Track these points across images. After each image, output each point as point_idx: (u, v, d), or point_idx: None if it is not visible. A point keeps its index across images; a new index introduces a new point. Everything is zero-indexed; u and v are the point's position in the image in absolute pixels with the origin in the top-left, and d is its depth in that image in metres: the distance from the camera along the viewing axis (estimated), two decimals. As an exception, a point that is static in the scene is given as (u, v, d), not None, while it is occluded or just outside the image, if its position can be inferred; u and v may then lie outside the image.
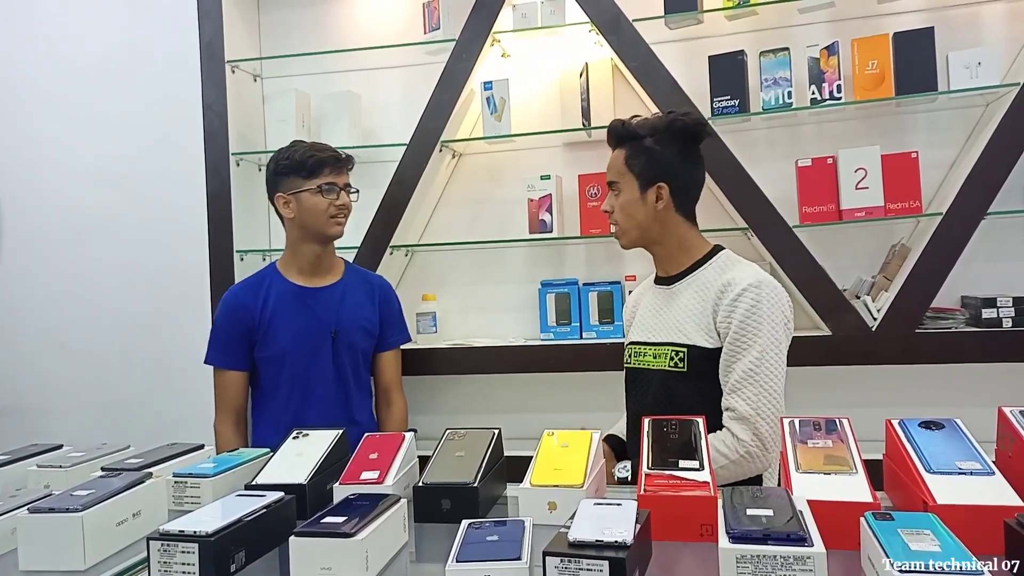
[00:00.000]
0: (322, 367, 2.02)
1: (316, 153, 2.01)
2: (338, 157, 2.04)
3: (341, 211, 2.02)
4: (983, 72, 2.11)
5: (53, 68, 2.93)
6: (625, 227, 1.65)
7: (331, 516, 0.98)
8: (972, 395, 2.19)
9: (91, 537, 1.01)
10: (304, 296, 2.04)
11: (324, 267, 2.08)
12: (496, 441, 1.30)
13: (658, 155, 1.60)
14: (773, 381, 1.50)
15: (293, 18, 2.78)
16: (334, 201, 2.00)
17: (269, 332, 2.01)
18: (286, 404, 2.01)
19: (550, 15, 2.43)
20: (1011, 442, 1.09)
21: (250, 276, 2.14)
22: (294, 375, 2.01)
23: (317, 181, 1.99)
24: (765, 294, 1.52)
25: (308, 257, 2.06)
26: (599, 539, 0.85)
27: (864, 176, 2.18)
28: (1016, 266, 2.24)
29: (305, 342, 2.01)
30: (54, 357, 2.93)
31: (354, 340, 2.06)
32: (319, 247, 2.05)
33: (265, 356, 2.02)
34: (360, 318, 2.08)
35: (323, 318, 2.03)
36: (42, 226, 2.95)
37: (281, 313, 2.02)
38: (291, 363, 2.01)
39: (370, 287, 2.15)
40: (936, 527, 0.85)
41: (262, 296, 2.03)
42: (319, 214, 2.00)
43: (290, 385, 2.02)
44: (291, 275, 2.06)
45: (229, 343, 2.02)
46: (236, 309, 2.03)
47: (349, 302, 2.08)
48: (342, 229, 2.05)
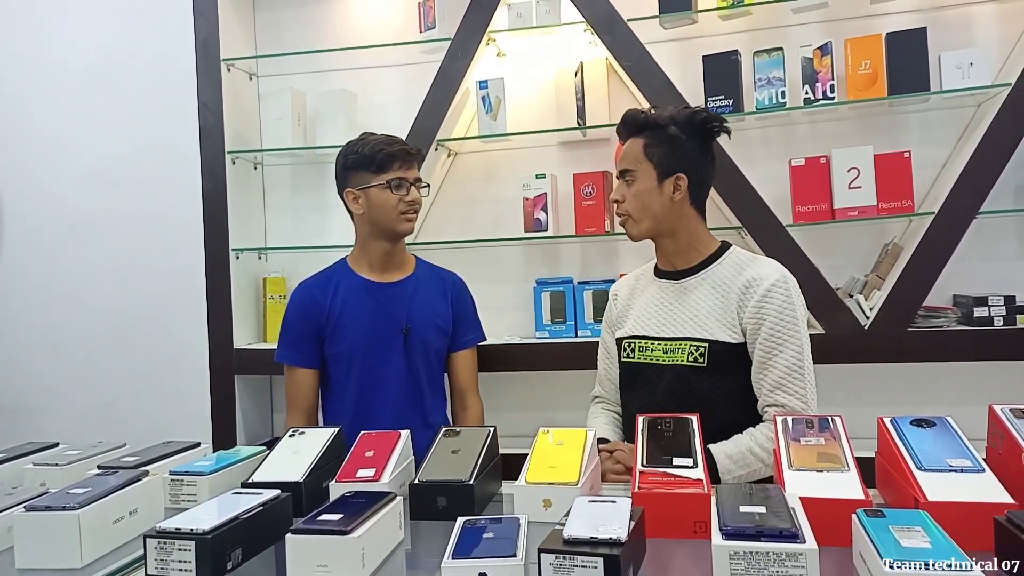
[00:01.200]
0: (394, 365, 1.94)
1: (386, 147, 1.92)
2: (408, 151, 1.95)
3: (411, 207, 1.93)
4: (975, 72, 2.12)
5: (48, 67, 2.92)
6: (638, 217, 1.63)
7: (327, 514, 0.98)
8: (963, 393, 2.21)
9: (87, 535, 1.02)
10: (375, 291, 1.97)
11: (395, 263, 2.01)
12: (491, 439, 1.31)
13: (680, 145, 1.60)
14: (811, 374, 1.56)
15: (289, 16, 2.78)
16: (404, 197, 1.91)
17: (339, 328, 1.94)
18: (356, 403, 1.95)
19: (545, 14, 2.43)
20: (1001, 440, 1.10)
21: (320, 271, 2.06)
22: (364, 373, 1.94)
23: (386, 176, 1.91)
24: (793, 289, 1.57)
25: (378, 253, 1.98)
26: (594, 536, 0.86)
27: (857, 175, 2.19)
28: (1007, 265, 2.26)
29: (376, 338, 1.94)
30: (49, 356, 2.92)
31: (427, 337, 1.98)
32: (389, 244, 1.98)
33: (334, 353, 1.95)
34: (433, 315, 2.01)
35: (395, 314, 1.96)
36: (37, 225, 2.94)
37: (351, 308, 1.95)
38: (361, 360, 1.94)
39: (443, 283, 2.07)
40: (927, 524, 0.86)
41: (331, 291, 1.96)
42: (389, 210, 1.92)
43: (360, 383, 1.95)
44: (361, 270, 1.99)
45: (299, 340, 1.96)
46: (305, 304, 1.97)
47: (421, 298, 2.00)
48: (412, 226, 1.97)
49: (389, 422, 1.78)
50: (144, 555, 0.95)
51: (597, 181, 2.42)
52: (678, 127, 1.60)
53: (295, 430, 1.38)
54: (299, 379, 1.97)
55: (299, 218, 2.79)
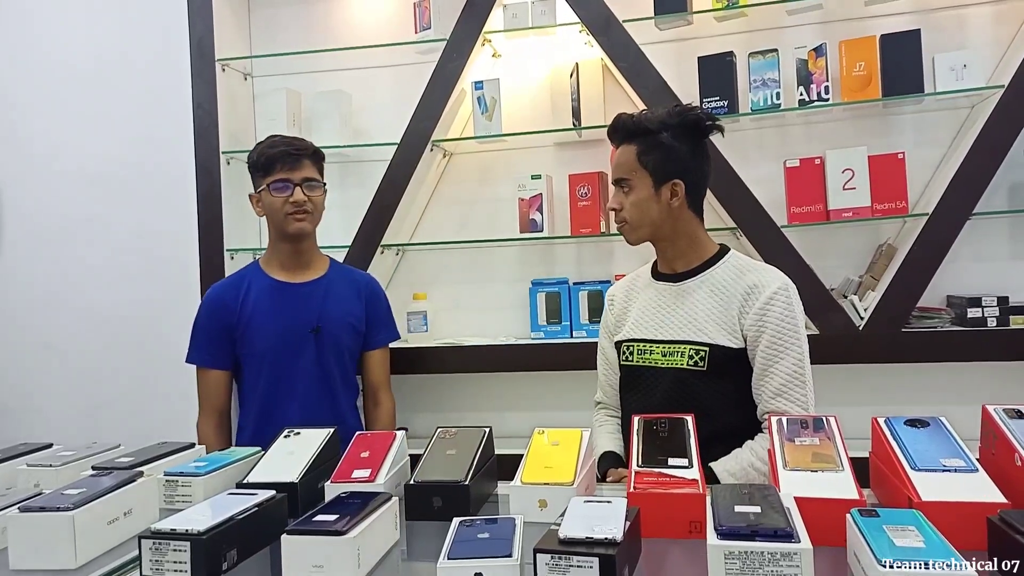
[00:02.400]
0: (305, 364, 1.97)
1: (267, 150, 1.95)
2: (290, 152, 1.94)
3: (297, 208, 1.93)
4: (968, 74, 2.13)
5: (42, 66, 2.91)
6: (637, 225, 1.62)
7: (323, 514, 0.98)
8: (957, 393, 2.22)
9: (82, 536, 1.01)
10: (284, 291, 1.99)
11: (304, 263, 2.03)
12: (487, 439, 1.31)
13: (673, 151, 1.58)
14: (811, 380, 1.56)
15: (284, 16, 2.78)
16: (288, 198, 1.93)
17: (249, 329, 1.97)
18: (266, 402, 1.97)
19: (541, 15, 2.43)
20: (994, 440, 1.11)
21: (232, 274, 2.11)
22: (275, 372, 1.96)
23: (270, 179, 1.94)
24: (793, 296, 1.57)
25: (285, 254, 2.01)
26: (589, 536, 0.86)
27: (851, 177, 2.20)
28: (1001, 266, 2.27)
29: (285, 338, 1.96)
30: (42, 356, 2.91)
31: (339, 337, 2.01)
32: (291, 245, 2.00)
33: (246, 353, 1.98)
34: (345, 314, 2.03)
35: (304, 313, 1.98)
36: (30, 225, 2.93)
37: (260, 309, 1.97)
38: (271, 360, 1.96)
39: (356, 284, 2.10)
40: (921, 523, 0.86)
41: (242, 292, 1.99)
42: (276, 212, 1.95)
43: (271, 383, 1.97)
44: (272, 271, 2.02)
45: (209, 341, 1.99)
46: (216, 306, 2.00)
47: (333, 298, 2.03)
48: (304, 226, 1.96)
49: (299, 419, 1.89)
50: (139, 556, 0.94)
51: (593, 182, 2.43)
52: (670, 132, 1.58)
53: (290, 431, 1.38)
54: (210, 380, 1.99)
55: (294, 218, 2.78)
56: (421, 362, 2.47)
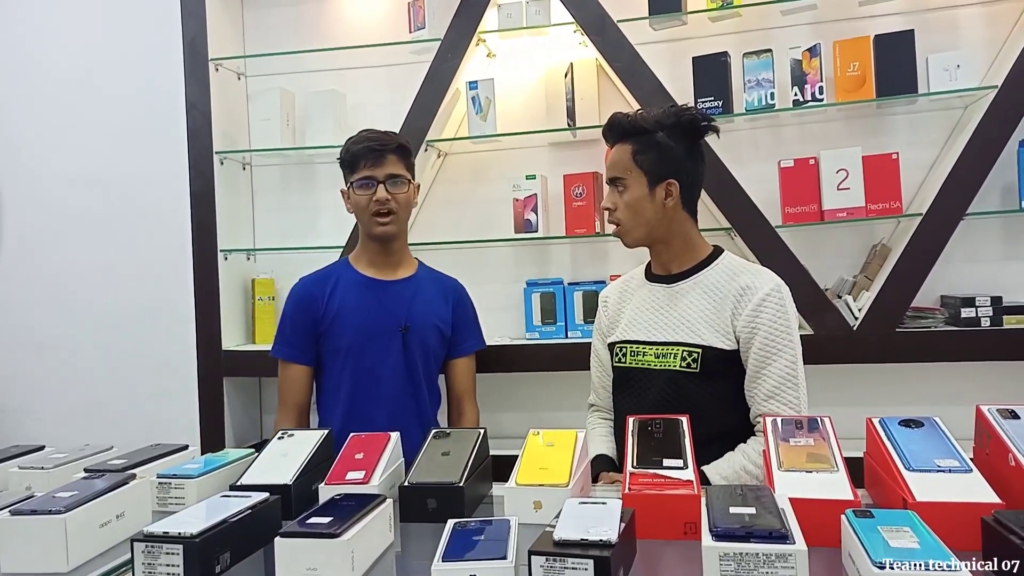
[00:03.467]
0: (392, 363, 1.90)
1: (352, 146, 1.91)
2: (373, 148, 1.88)
3: (381, 207, 1.87)
4: (962, 74, 2.14)
5: (34, 67, 2.90)
6: (630, 225, 1.61)
7: (317, 516, 0.98)
8: (951, 393, 2.23)
9: (74, 539, 1.01)
10: (374, 287, 1.94)
11: (394, 262, 1.98)
12: (481, 441, 1.31)
13: (669, 151, 1.58)
14: (804, 383, 1.55)
15: (277, 16, 2.77)
16: (372, 197, 1.87)
17: (335, 324, 1.91)
18: (350, 401, 1.90)
19: (535, 15, 2.43)
20: (988, 440, 1.11)
21: (321, 268, 2.04)
22: (360, 370, 1.90)
23: (356, 176, 1.90)
24: (786, 298, 1.57)
25: (374, 251, 1.96)
26: (584, 538, 0.86)
27: (846, 177, 2.20)
28: (994, 266, 2.28)
29: (373, 335, 1.90)
30: (34, 357, 2.90)
31: (426, 338, 1.95)
32: (378, 245, 1.95)
33: (331, 349, 1.92)
34: (433, 316, 1.98)
35: (394, 311, 1.92)
36: (23, 225, 2.92)
37: (348, 304, 1.91)
38: (357, 357, 1.90)
39: (444, 287, 2.05)
40: (915, 524, 0.86)
41: (329, 287, 1.94)
42: (361, 211, 1.91)
43: (355, 381, 1.90)
44: (361, 267, 1.97)
45: (294, 335, 1.93)
46: (302, 299, 1.94)
47: (422, 298, 1.97)
48: (388, 229, 1.91)
49: (383, 421, 1.81)
50: (131, 559, 0.94)
51: (587, 182, 2.43)
52: (666, 132, 1.58)
53: (284, 432, 1.38)
54: (292, 375, 1.94)
55: (288, 219, 2.78)
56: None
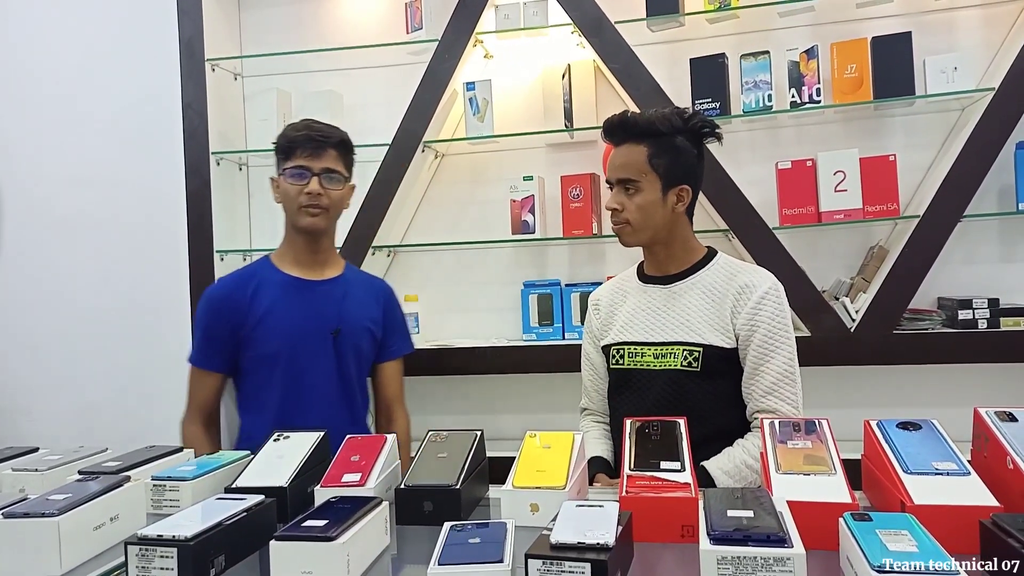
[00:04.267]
0: (323, 368, 1.83)
1: (291, 132, 1.82)
2: (314, 137, 1.80)
3: (313, 200, 1.78)
4: (959, 77, 2.14)
5: (31, 67, 2.89)
6: (638, 228, 1.59)
7: (312, 519, 0.97)
8: (948, 395, 2.23)
9: (68, 542, 1.00)
10: (301, 288, 1.84)
11: (321, 260, 1.89)
12: (478, 443, 1.30)
13: (684, 156, 1.58)
14: (799, 379, 1.57)
15: (274, 16, 2.76)
16: (304, 188, 1.78)
17: (260, 328, 1.80)
18: (280, 408, 1.81)
19: (533, 16, 2.43)
20: (986, 442, 1.11)
21: (238, 269, 1.95)
22: (291, 377, 1.81)
23: (289, 164, 1.80)
24: (783, 296, 1.59)
25: (301, 248, 1.86)
26: (581, 541, 0.85)
27: (843, 179, 2.20)
28: (991, 268, 2.28)
29: (303, 339, 1.81)
30: (28, 358, 2.89)
31: (358, 341, 1.88)
32: (304, 240, 1.86)
33: (256, 355, 1.81)
34: (365, 318, 1.90)
35: (324, 313, 1.83)
36: (18, 226, 2.91)
37: (275, 307, 1.81)
38: (287, 362, 1.80)
39: (374, 288, 1.99)
40: (913, 527, 0.86)
41: (251, 288, 1.83)
42: (290, 202, 1.81)
43: (285, 387, 1.81)
44: (286, 266, 1.87)
45: (212, 342, 1.83)
46: (221, 304, 1.83)
47: (352, 299, 1.89)
48: (316, 222, 1.81)
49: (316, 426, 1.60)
50: (125, 562, 0.93)
51: (585, 183, 2.42)
52: (682, 136, 1.58)
53: (280, 434, 1.37)
54: (207, 382, 1.85)
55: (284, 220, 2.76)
56: (412, 364, 2.44)
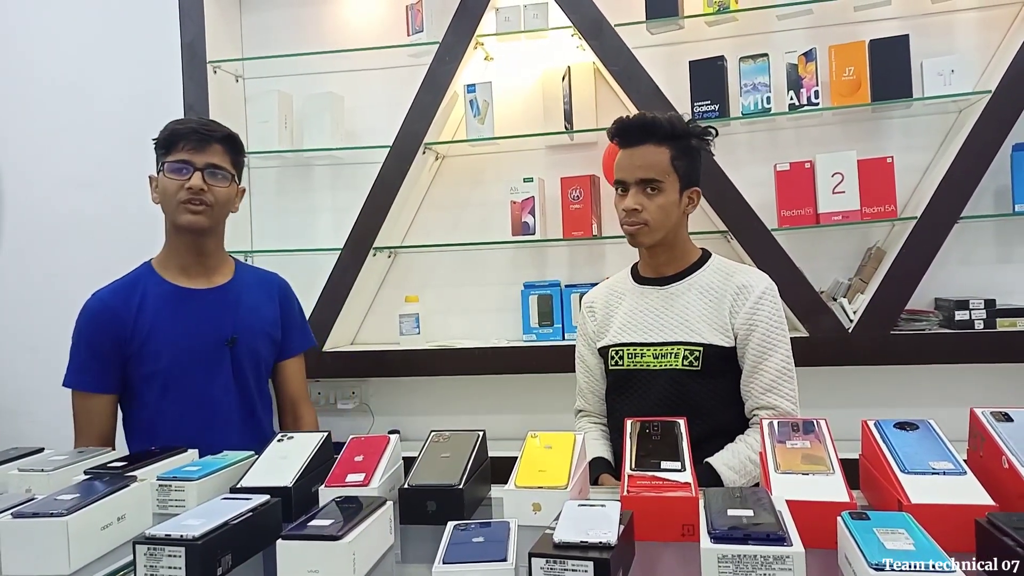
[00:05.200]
0: (221, 383, 1.71)
1: (175, 125, 1.70)
2: (198, 130, 1.68)
3: (193, 196, 1.65)
4: (956, 79, 2.16)
5: (33, 68, 2.90)
6: (656, 228, 1.60)
7: (318, 519, 0.98)
8: (945, 395, 2.24)
9: (76, 541, 1.01)
10: (189, 299, 1.71)
11: (209, 265, 1.76)
12: (481, 443, 1.31)
13: (699, 158, 1.65)
14: (795, 376, 1.61)
15: (276, 19, 2.77)
16: (184, 183, 1.65)
17: (149, 343, 1.67)
18: (178, 428, 1.66)
19: (533, 19, 2.44)
20: (982, 442, 1.12)
21: (119, 278, 1.77)
22: (186, 394, 1.68)
23: (170, 158, 1.67)
24: (777, 295, 1.63)
25: (185, 253, 1.73)
26: (584, 540, 0.86)
27: (841, 180, 2.21)
28: (988, 269, 2.29)
29: (195, 353, 1.69)
30: (29, 359, 2.89)
31: (257, 348, 1.77)
32: (186, 242, 1.72)
33: (144, 374, 1.67)
34: (262, 322, 1.79)
35: (216, 324, 1.71)
36: (19, 228, 2.92)
37: (162, 320, 1.68)
38: (179, 379, 1.67)
39: (269, 286, 1.86)
40: (911, 526, 0.87)
41: (136, 300, 1.69)
42: (168, 198, 1.67)
43: (181, 406, 1.68)
44: (170, 275, 1.73)
45: (96, 360, 1.68)
46: (102, 318, 1.68)
47: (246, 304, 1.77)
48: (198, 220, 1.67)
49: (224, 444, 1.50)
50: (133, 561, 0.94)
51: (584, 185, 2.43)
52: (696, 139, 1.63)
53: (284, 435, 1.38)
54: (94, 406, 1.69)
55: (286, 221, 2.78)
56: (413, 365, 2.48)
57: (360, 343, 2.71)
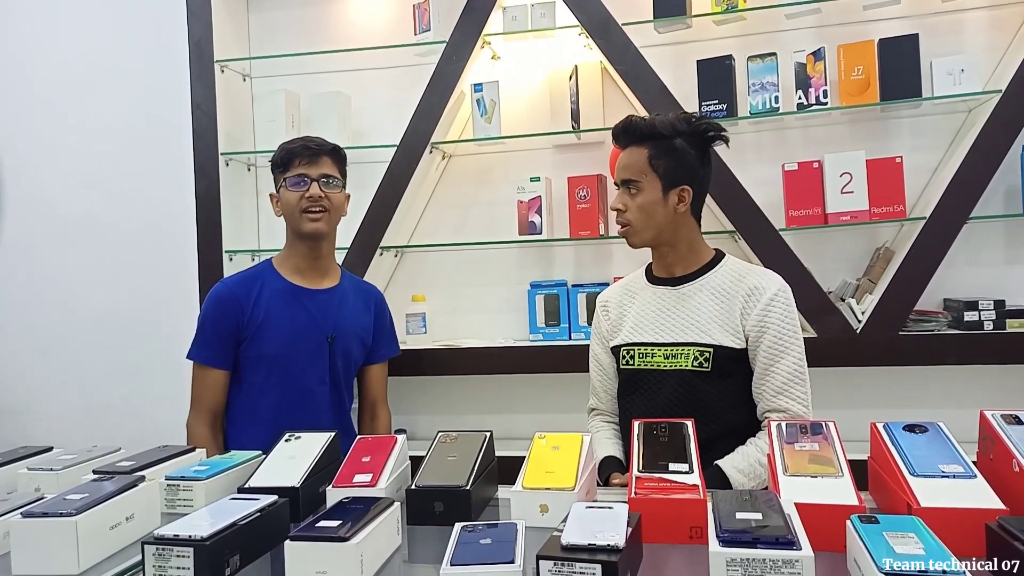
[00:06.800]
0: (318, 373, 1.93)
1: (288, 146, 1.93)
2: (310, 147, 1.91)
3: (313, 204, 1.89)
4: (966, 79, 2.14)
5: (41, 68, 2.91)
6: (640, 227, 1.63)
7: (326, 520, 0.98)
8: (954, 396, 2.23)
9: (85, 541, 1.01)
10: (301, 296, 1.95)
11: (320, 269, 1.99)
12: (488, 443, 1.31)
13: (684, 157, 1.61)
14: (808, 378, 1.60)
15: (283, 18, 2.78)
16: (304, 194, 1.89)
17: (262, 330, 1.90)
18: (278, 409, 1.90)
19: (540, 18, 2.44)
20: (992, 445, 1.11)
21: (244, 270, 2.04)
22: (287, 378, 1.91)
23: (288, 174, 1.91)
24: (790, 298, 1.62)
25: (302, 257, 1.97)
26: (592, 542, 0.86)
27: (849, 180, 2.21)
28: (997, 270, 2.28)
29: (300, 344, 1.91)
30: (38, 358, 2.91)
31: (350, 348, 1.99)
32: (307, 247, 1.95)
33: (254, 356, 1.91)
34: (357, 326, 2.01)
35: (321, 322, 1.94)
36: (28, 226, 2.93)
37: (275, 311, 1.91)
38: (283, 365, 1.90)
39: (367, 296, 2.08)
40: (920, 530, 0.87)
41: (256, 291, 1.92)
42: (291, 209, 1.91)
43: (282, 389, 1.91)
44: (287, 273, 1.97)
45: (217, 338, 1.90)
46: (227, 302, 1.91)
47: (348, 308, 2.00)
48: (319, 226, 1.91)
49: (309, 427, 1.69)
50: (142, 561, 0.95)
51: (591, 184, 2.43)
52: (682, 138, 1.60)
53: (291, 435, 1.38)
54: (211, 380, 1.91)
55: (293, 220, 2.78)
56: (420, 364, 2.48)
57: (367, 342, 2.71)
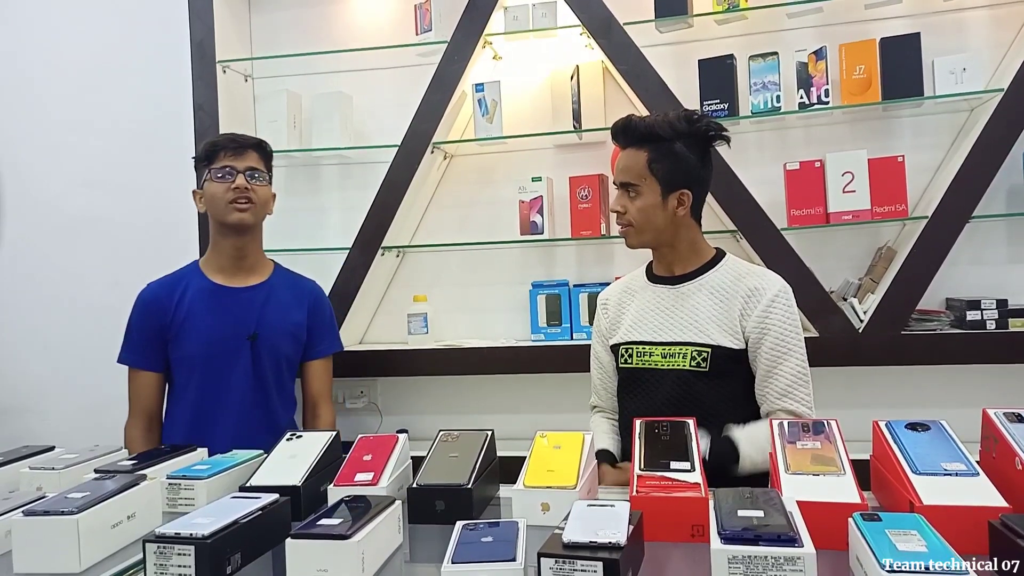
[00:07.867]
0: (239, 373, 1.91)
1: (213, 139, 1.95)
2: (236, 140, 1.93)
3: (240, 195, 1.88)
4: (968, 77, 2.14)
5: (42, 67, 2.91)
6: (640, 229, 1.62)
7: (327, 518, 0.99)
8: (956, 396, 2.22)
9: (86, 539, 1.01)
10: (221, 295, 1.93)
11: (247, 266, 1.97)
12: (489, 442, 1.32)
13: (684, 161, 1.59)
14: (811, 379, 1.60)
15: (284, 18, 2.78)
16: (231, 185, 1.88)
17: (182, 331, 1.91)
18: (197, 409, 1.91)
19: (541, 18, 2.44)
20: (995, 443, 1.11)
21: (171, 272, 2.02)
22: (207, 378, 1.90)
23: (213, 166, 1.90)
24: (791, 298, 1.61)
25: (227, 254, 1.95)
26: (593, 540, 0.86)
27: (851, 179, 2.20)
28: (999, 269, 2.28)
29: (219, 344, 1.90)
30: (40, 357, 2.91)
31: (277, 345, 1.96)
32: (231, 243, 1.93)
33: (178, 357, 1.92)
34: (286, 322, 1.98)
35: (240, 320, 1.92)
36: (30, 226, 2.93)
37: (195, 312, 1.91)
38: (203, 366, 1.90)
39: (300, 291, 2.05)
40: (922, 528, 0.87)
41: (178, 293, 1.93)
42: (217, 200, 1.89)
43: (201, 389, 1.91)
44: (211, 273, 1.96)
45: (142, 342, 1.93)
46: (150, 305, 1.93)
47: (274, 304, 1.97)
48: (245, 217, 1.90)
49: (229, 430, 1.87)
50: (143, 560, 0.95)
51: (593, 184, 2.43)
52: (683, 141, 1.59)
53: (293, 433, 1.38)
54: (141, 382, 1.94)
55: (294, 220, 2.78)
56: (421, 364, 2.48)
57: (369, 343, 2.72)
